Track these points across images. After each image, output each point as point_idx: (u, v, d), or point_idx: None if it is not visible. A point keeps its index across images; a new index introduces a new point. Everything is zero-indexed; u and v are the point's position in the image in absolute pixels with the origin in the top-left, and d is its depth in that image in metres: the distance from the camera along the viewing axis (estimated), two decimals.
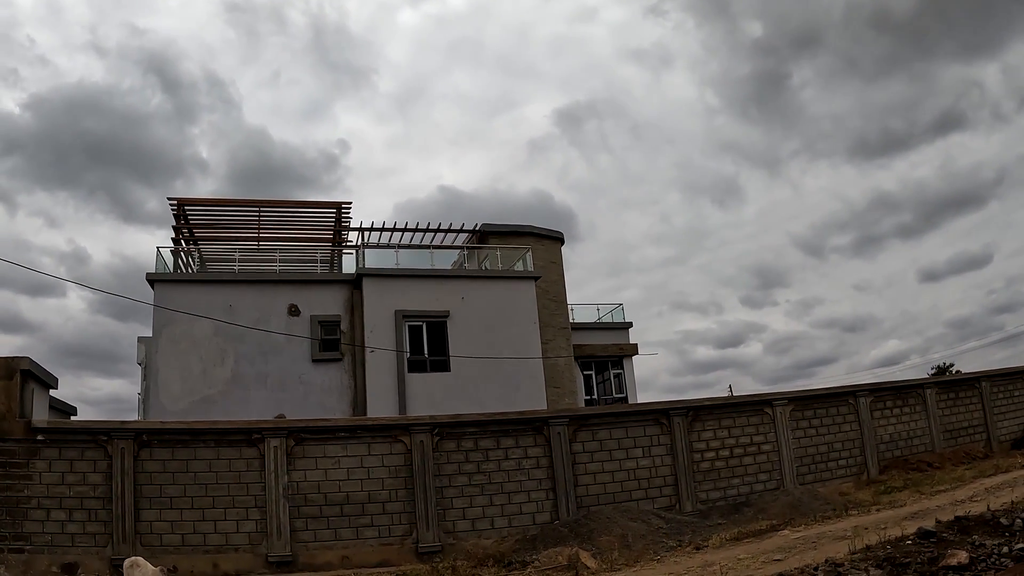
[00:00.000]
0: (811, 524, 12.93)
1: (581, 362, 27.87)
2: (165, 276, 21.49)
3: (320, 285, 22.46)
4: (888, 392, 20.29)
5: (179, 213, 23.22)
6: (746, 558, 10.01)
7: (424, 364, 21.93)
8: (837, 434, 18.99)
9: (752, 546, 11.11)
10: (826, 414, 19.01)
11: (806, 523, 13.19)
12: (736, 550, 10.99)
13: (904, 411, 20.18)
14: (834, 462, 18.77)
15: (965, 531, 8.97)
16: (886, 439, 19.64)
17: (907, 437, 19.95)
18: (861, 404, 19.41)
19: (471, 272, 24.09)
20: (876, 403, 19.74)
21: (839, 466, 18.74)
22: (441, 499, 14.90)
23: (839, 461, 18.84)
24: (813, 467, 18.30)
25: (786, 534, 11.71)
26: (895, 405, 20.09)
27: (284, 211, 24.82)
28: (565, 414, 16.76)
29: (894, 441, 19.75)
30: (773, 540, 11.39)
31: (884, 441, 19.59)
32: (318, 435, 14.84)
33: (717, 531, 13.80)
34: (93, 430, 14.03)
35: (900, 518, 11.33)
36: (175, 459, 14.04)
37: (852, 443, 19.04)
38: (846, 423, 19.19)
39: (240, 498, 13.96)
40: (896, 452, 19.69)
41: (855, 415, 19.30)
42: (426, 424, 15.47)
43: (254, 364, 20.57)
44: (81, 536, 13.21)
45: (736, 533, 12.76)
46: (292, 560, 13.73)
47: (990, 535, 8.67)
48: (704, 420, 17.64)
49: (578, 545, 13.29)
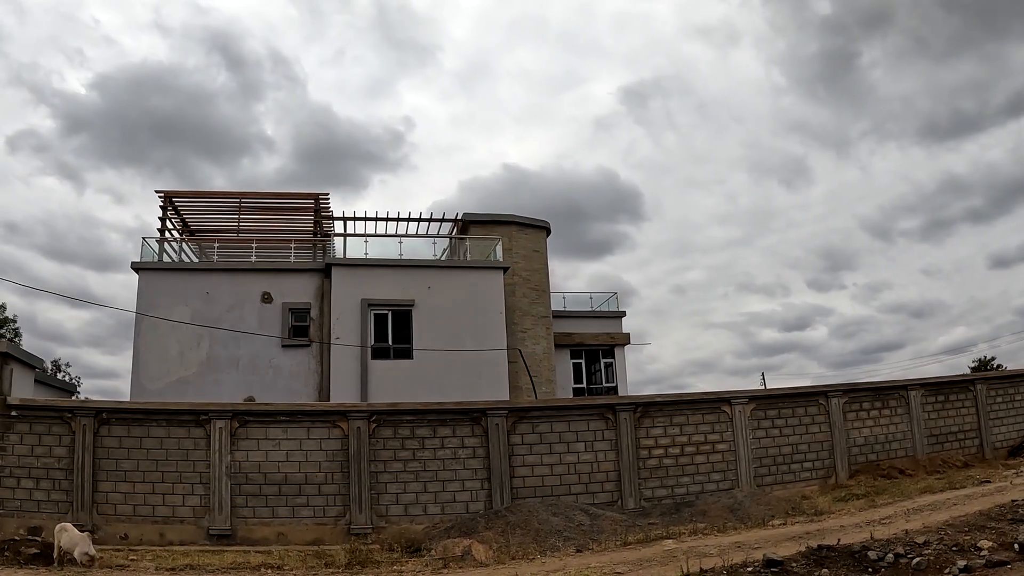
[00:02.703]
0: (716, 533, 14.02)
1: (572, 351, 30.94)
2: (148, 265, 25.36)
3: (293, 274, 26.02)
4: (865, 393, 21.68)
5: (165, 204, 27.19)
6: (596, 567, 11.47)
7: (388, 351, 25.23)
8: (803, 435, 20.41)
9: (623, 554, 12.56)
10: (792, 414, 20.49)
11: (714, 531, 14.24)
12: (606, 557, 12.54)
13: (883, 413, 21.49)
14: (798, 464, 20.20)
15: (820, 563, 9.38)
16: (860, 442, 20.95)
17: (884, 441, 21.22)
18: (833, 405, 20.76)
19: (437, 262, 27.19)
20: (850, 404, 21.10)
21: (803, 469, 20.19)
22: (375, 484, 17.69)
23: (804, 464, 20.25)
24: (774, 469, 19.93)
25: (669, 544, 13.07)
26: (873, 407, 21.42)
27: (264, 202, 28.55)
28: (504, 406, 19.21)
29: (869, 444, 21.04)
30: (650, 550, 12.65)
31: (858, 444, 20.90)
32: (260, 418, 18.00)
33: (639, 532, 15.71)
34: (59, 407, 17.64)
35: (800, 534, 12.24)
36: (130, 436, 17.34)
37: (820, 445, 20.49)
38: (815, 424, 20.60)
39: (187, 474, 17.12)
40: (871, 456, 20.96)
41: (825, 416, 20.67)
42: (363, 411, 18.37)
43: (227, 348, 24.14)
44: (46, 503, 16.59)
45: (641, 537, 13.89)
46: (231, 534, 16.80)
47: (849, 570, 9.15)
48: (654, 416, 19.52)
49: (494, 535, 16.04)
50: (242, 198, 28.46)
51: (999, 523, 11.29)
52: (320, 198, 28.25)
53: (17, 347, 18.69)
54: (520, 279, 28.66)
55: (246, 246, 28.43)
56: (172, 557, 14.48)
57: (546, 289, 30.17)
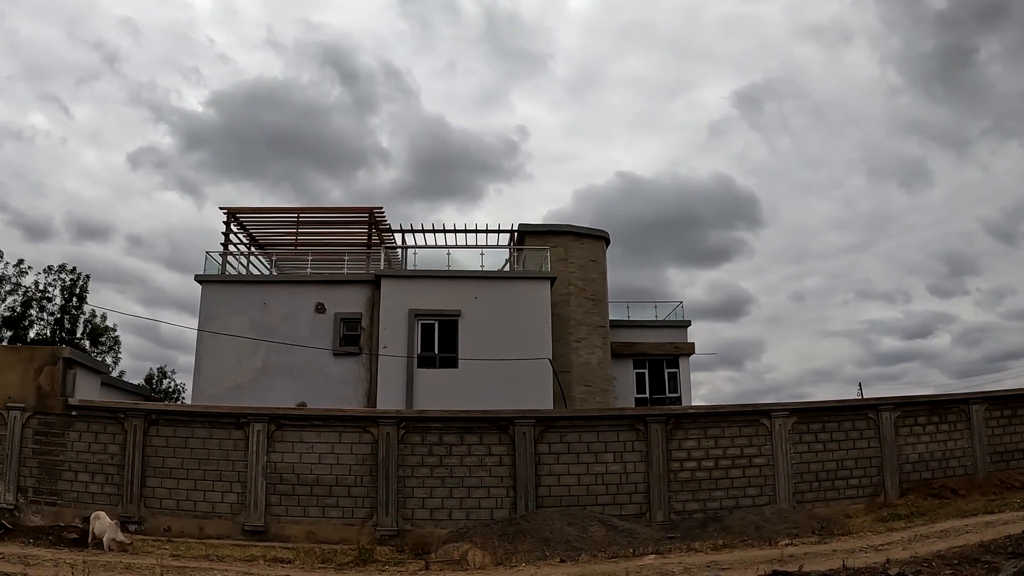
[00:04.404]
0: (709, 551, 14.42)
1: (635, 360, 31.64)
2: (209, 277, 27.88)
3: (345, 285, 27.80)
4: (921, 407, 21.14)
5: (229, 220, 29.60)
6: None
7: (434, 360, 26.56)
8: (850, 451, 20.13)
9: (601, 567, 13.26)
10: (838, 428, 20.27)
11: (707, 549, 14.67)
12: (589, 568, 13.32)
13: (940, 429, 21.00)
14: (843, 481, 19.94)
15: None
16: (913, 459, 20.50)
17: (941, 458, 20.68)
18: (884, 420, 20.41)
19: (484, 273, 28.32)
20: (904, 419, 20.68)
21: (848, 486, 19.94)
22: (403, 488, 18.89)
23: (849, 481, 19.99)
24: (816, 485, 19.75)
25: (648, 559, 13.66)
26: (929, 422, 20.92)
27: (321, 216, 30.77)
28: (532, 415, 19.85)
29: (923, 462, 20.50)
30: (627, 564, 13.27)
31: (911, 461, 20.46)
32: (296, 422, 19.41)
33: (660, 545, 15.63)
34: (113, 409, 19.58)
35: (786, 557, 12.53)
36: (176, 436, 19.09)
37: (868, 462, 20.17)
38: (863, 439, 20.31)
39: (226, 473, 18.86)
40: (926, 474, 20.42)
41: (875, 431, 20.34)
42: (393, 417, 19.62)
43: (281, 356, 25.94)
44: (99, 495, 18.60)
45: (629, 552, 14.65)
46: (265, 530, 18.38)
47: None
48: (687, 428, 19.82)
49: (501, 542, 17.01)
50: (300, 213, 30.68)
51: (995, 556, 11.21)
52: (375, 211, 29.98)
53: (81, 353, 21.18)
54: (575, 289, 29.45)
55: (303, 258, 30.46)
56: (198, 548, 16.28)
57: (603, 299, 30.79)
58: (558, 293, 29.04)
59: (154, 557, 13.80)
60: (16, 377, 19.13)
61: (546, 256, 28.84)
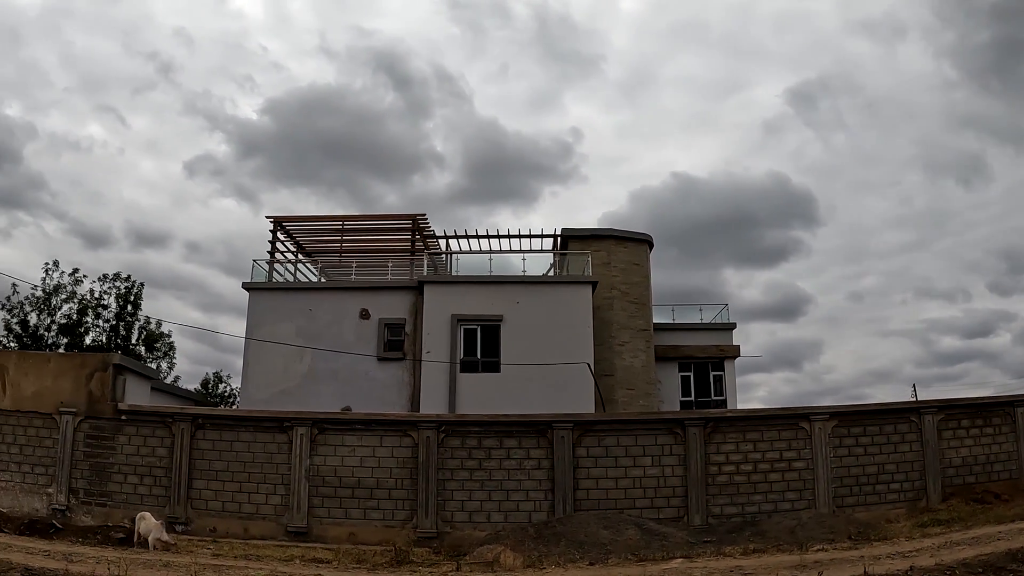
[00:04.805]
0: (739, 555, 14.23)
1: (680, 364, 31.65)
2: (256, 285, 28.62)
3: (389, 291, 28.29)
4: (965, 409, 20.74)
5: (275, 229, 30.42)
6: None
7: (476, 365, 26.87)
8: (891, 455, 19.85)
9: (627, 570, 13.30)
10: (879, 432, 20.01)
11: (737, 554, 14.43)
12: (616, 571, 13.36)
13: (985, 432, 20.55)
14: (884, 486, 19.65)
15: None
16: (956, 463, 20.11)
17: (985, 462, 20.24)
18: (926, 423, 20.09)
19: (525, 278, 28.55)
20: (947, 422, 20.34)
21: (890, 491, 19.59)
22: (442, 491, 19.11)
23: (891, 485, 19.65)
24: (856, 490, 19.43)
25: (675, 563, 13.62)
26: (973, 425, 20.52)
27: (366, 224, 31.36)
28: (570, 419, 19.93)
29: (967, 466, 20.14)
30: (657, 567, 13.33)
31: (954, 465, 20.08)
32: (338, 426, 19.72)
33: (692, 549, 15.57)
34: (161, 413, 20.27)
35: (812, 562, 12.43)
36: (222, 440, 19.58)
37: (910, 466, 19.76)
38: (904, 443, 20.03)
39: (270, 476, 19.29)
40: (969, 478, 20.08)
41: (917, 435, 20.04)
42: (433, 421, 19.88)
43: (327, 361, 26.42)
44: (147, 496, 19.20)
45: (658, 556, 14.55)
46: (307, 531, 18.75)
47: None
48: (725, 432, 19.71)
49: (535, 545, 17.25)
50: (345, 221, 31.24)
51: (1021, 565, 11.09)
52: (418, 218, 30.44)
53: (131, 359, 21.96)
54: (618, 292, 29.56)
55: (348, 265, 31.07)
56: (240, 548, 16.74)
57: (646, 302, 30.86)
58: (601, 297, 29.17)
59: (194, 556, 14.29)
60: (68, 383, 19.90)
61: (588, 260, 28.95)
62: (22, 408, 19.98)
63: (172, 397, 26.23)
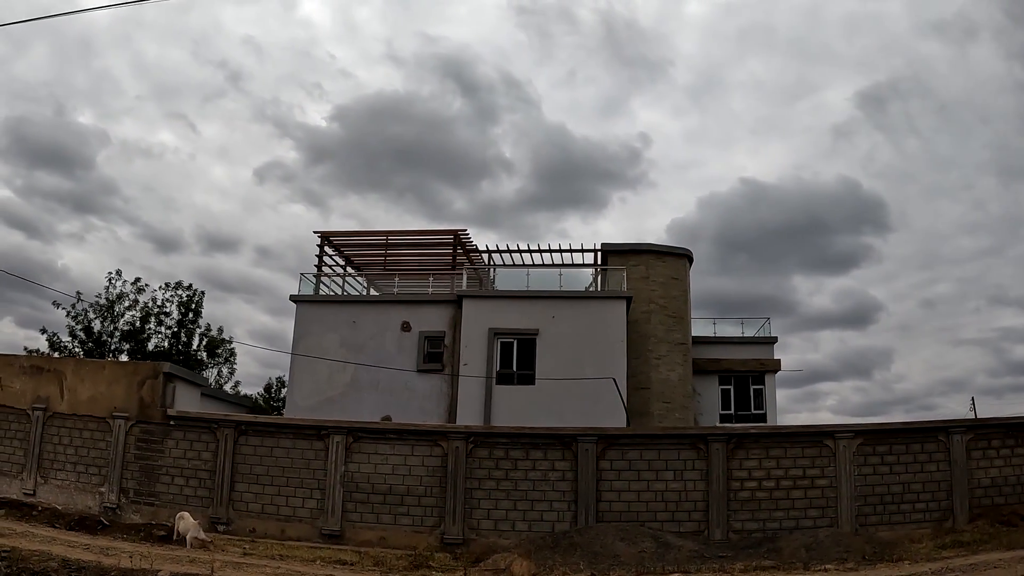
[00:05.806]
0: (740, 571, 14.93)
1: (720, 377, 31.90)
2: (303, 297, 30.01)
3: (430, 305, 29.25)
4: (996, 429, 20.46)
5: (322, 243, 31.79)
6: None
7: (512, 377, 27.60)
8: (917, 474, 19.76)
9: None
10: (905, 451, 19.94)
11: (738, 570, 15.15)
12: None
13: (1016, 452, 20.18)
14: (909, 505, 19.59)
15: None
16: (985, 483, 19.83)
17: (1016, 483, 19.90)
18: (955, 442, 19.94)
19: (561, 292, 29.13)
20: (976, 441, 20.14)
21: (915, 510, 19.51)
22: (469, 499, 19.88)
23: (916, 505, 19.59)
24: (880, 508, 19.42)
25: None
26: (1004, 445, 20.17)
27: (409, 239, 32.36)
28: (594, 432, 20.45)
29: (996, 487, 19.83)
30: None
31: (983, 486, 19.80)
32: (372, 435, 20.68)
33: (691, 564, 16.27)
34: (207, 419, 21.42)
35: None
36: (263, 445, 20.75)
37: (936, 486, 19.64)
38: (931, 462, 19.92)
39: (307, 480, 20.37)
40: (999, 499, 19.72)
41: (945, 454, 19.90)
42: (462, 432, 20.70)
43: (369, 371, 27.53)
44: (192, 498, 20.48)
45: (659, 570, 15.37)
46: (340, 534, 19.71)
47: None
48: (749, 448, 19.95)
49: (549, 554, 17.92)
50: (389, 236, 32.46)
51: None
52: (460, 233, 31.45)
53: (181, 368, 23.39)
54: (656, 307, 30.03)
55: (392, 279, 32.28)
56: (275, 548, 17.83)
57: (685, 316, 31.19)
58: (639, 311, 29.67)
59: (225, 554, 15.34)
60: (121, 389, 21.34)
61: (623, 275, 29.54)
62: (78, 412, 21.56)
63: (222, 403, 27.61)
